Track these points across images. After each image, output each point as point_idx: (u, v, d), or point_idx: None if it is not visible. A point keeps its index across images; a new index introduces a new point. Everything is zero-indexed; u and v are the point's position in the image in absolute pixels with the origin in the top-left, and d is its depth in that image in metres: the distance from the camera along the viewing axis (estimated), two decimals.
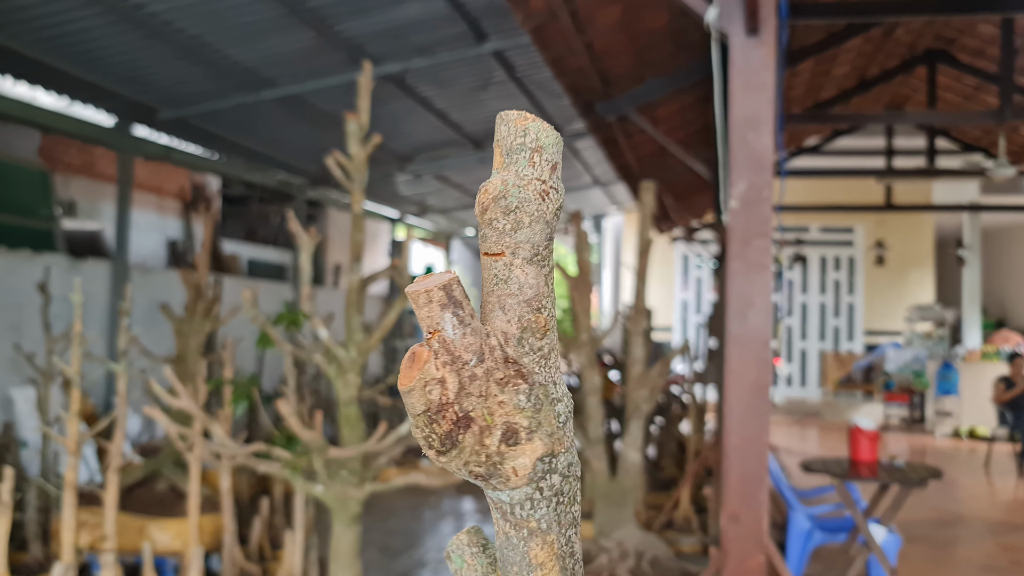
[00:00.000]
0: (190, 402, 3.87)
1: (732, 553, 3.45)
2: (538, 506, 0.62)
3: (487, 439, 0.59)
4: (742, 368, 3.44)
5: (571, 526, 0.63)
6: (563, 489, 0.62)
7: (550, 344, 0.62)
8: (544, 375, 0.61)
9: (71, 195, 9.11)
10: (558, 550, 0.63)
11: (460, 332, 0.59)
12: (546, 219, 0.62)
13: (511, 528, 0.62)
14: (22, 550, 5.53)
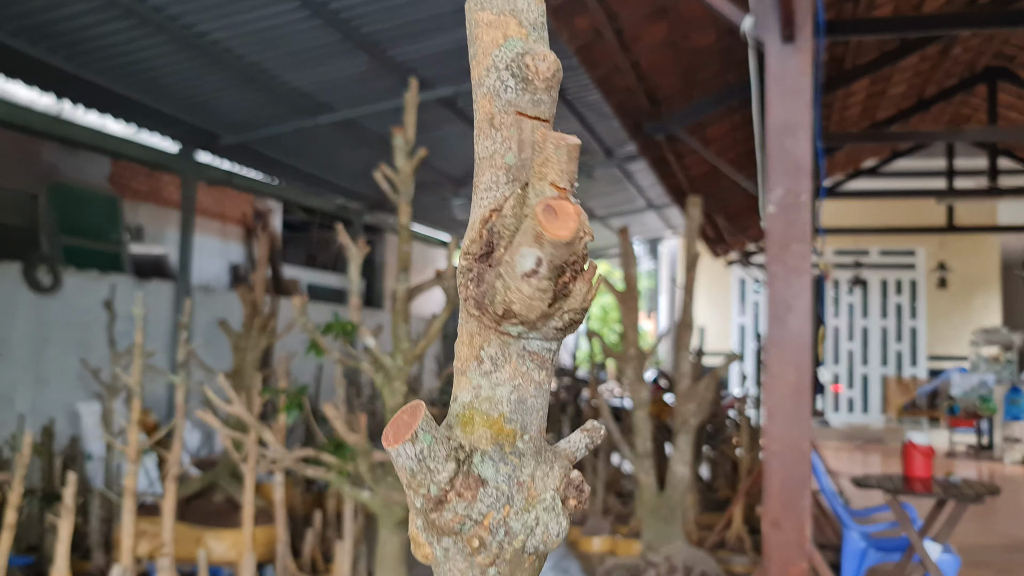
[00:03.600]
0: (243, 409, 3.99)
1: (774, 560, 3.43)
2: (559, 352, 0.68)
3: (591, 291, 0.65)
4: (782, 372, 3.44)
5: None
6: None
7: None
8: None
9: (138, 220, 9.47)
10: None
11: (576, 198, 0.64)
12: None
13: (546, 375, 0.68)
14: (85, 559, 5.71)
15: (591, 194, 12.09)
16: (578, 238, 0.63)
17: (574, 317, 0.66)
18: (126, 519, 4.66)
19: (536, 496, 0.68)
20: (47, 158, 8.20)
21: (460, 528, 0.67)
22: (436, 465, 0.66)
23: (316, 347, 4.23)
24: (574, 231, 0.61)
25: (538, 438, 0.70)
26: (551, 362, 0.69)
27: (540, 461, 0.69)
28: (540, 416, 0.70)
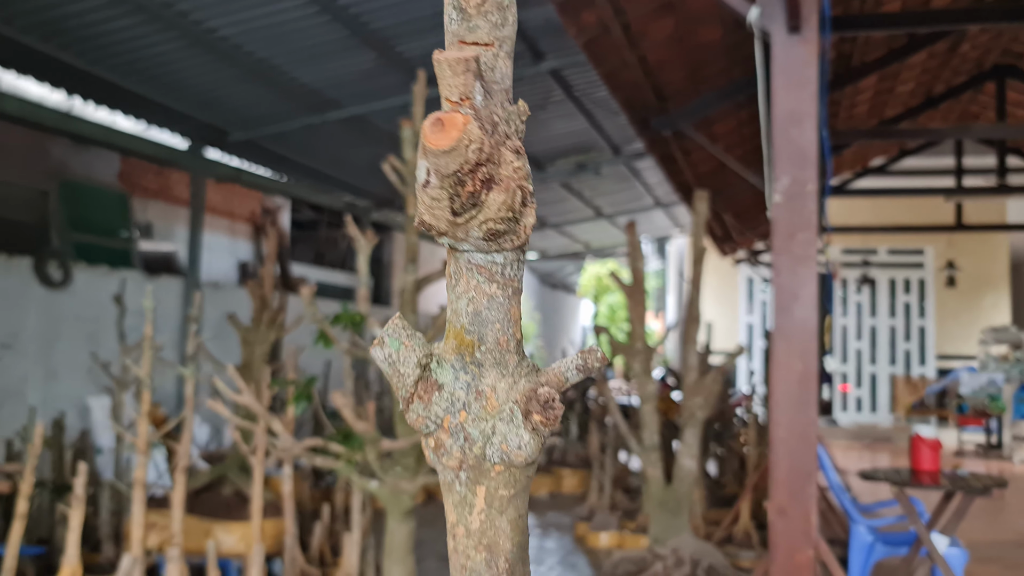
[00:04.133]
0: (252, 399, 4.02)
1: (780, 548, 3.44)
2: (520, 267, 0.70)
3: (515, 199, 0.67)
4: (788, 361, 3.45)
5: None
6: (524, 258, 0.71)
7: (524, 131, 0.71)
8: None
9: (147, 218, 9.52)
10: (524, 309, 0.71)
11: (485, 103, 0.67)
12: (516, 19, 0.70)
13: (498, 289, 0.70)
14: (96, 551, 5.75)
15: (598, 192, 12.11)
16: (463, 146, 0.65)
17: (494, 227, 0.68)
18: (136, 510, 4.69)
19: (496, 407, 0.70)
20: (57, 155, 8.26)
21: (424, 429, 0.71)
22: (405, 369, 0.70)
23: (325, 338, 4.25)
24: (455, 139, 0.64)
25: (497, 350, 0.72)
26: (503, 276, 0.71)
27: (504, 374, 0.71)
28: (498, 329, 0.72)
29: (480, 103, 0.67)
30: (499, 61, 0.68)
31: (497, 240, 0.68)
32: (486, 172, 0.67)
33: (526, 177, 0.68)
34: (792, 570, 3.43)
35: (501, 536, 0.73)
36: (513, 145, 0.67)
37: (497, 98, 0.68)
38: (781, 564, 3.45)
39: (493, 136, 0.66)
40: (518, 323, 0.72)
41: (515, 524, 0.75)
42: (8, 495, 5.69)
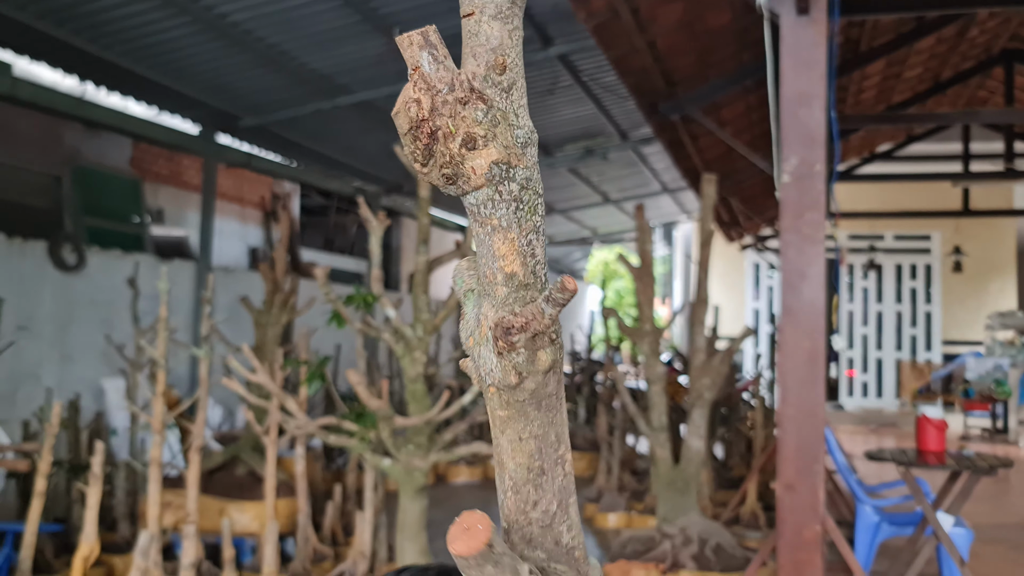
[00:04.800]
0: (266, 377, 4.09)
1: (788, 523, 3.50)
2: (498, 207, 0.77)
3: (451, 144, 0.76)
4: (796, 339, 3.50)
5: (532, 231, 0.78)
6: (522, 198, 0.77)
7: (510, 79, 0.78)
8: (504, 103, 0.77)
9: (159, 203, 9.59)
10: (518, 247, 0.77)
11: (435, 67, 0.76)
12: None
13: (479, 226, 0.78)
14: (111, 530, 5.83)
15: (606, 177, 12.13)
16: (403, 108, 0.78)
17: (447, 171, 0.77)
18: (152, 488, 4.77)
19: (484, 333, 0.77)
20: (70, 141, 8.32)
21: (467, 351, 0.79)
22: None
23: (338, 317, 4.32)
24: (399, 104, 0.77)
25: (486, 282, 0.79)
26: (480, 215, 0.79)
27: (493, 304, 0.79)
28: (484, 263, 0.80)
29: (428, 69, 0.77)
30: (482, 26, 0.76)
31: (456, 183, 0.76)
32: (431, 126, 0.75)
33: (474, 123, 0.75)
34: (800, 545, 3.49)
35: (504, 454, 0.80)
36: (476, 97, 0.75)
37: (480, 59, 0.76)
38: (789, 540, 3.51)
39: (451, 93, 0.74)
40: (504, 257, 0.78)
41: (515, 446, 0.82)
42: (26, 474, 5.78)
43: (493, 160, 0.77)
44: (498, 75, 0.78)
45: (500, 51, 0.78)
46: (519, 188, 0.77)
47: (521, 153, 0.77)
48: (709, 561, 5.14)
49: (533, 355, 0.77)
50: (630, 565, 5.17)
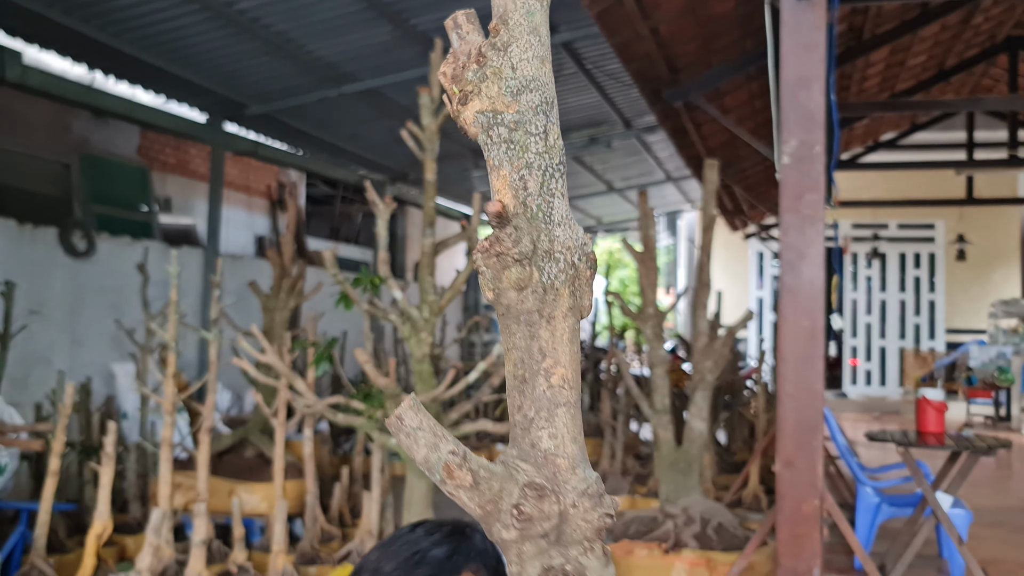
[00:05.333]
0: (275, 358, 4.17)
1: (787, 498, 3.58)
2: (491, 149, 0.87)
3: (455, 102, 0.88)
4: (795, 318, 3.56)
5: (524, 168, 0.87)
6: (511, 139, 0.87)
7: (505, 39, 0.87)
8: (499, 60, 0.86)
9: (166, 192, 9.67)
10: (509, 182, 0.86)
11: (459, 43, 0.91)
12: None
13: (487, 163, 0.88)
14: (123, 512, 5.93)
15: (609, 166, 12.18)
16: (441, 73, 0.92)
17: (461, 126, 0.91)
18: (163, 468, 4.86)
19: None
20: (78, 130, 8.40)
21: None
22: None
23: (346, 299, 4.39)
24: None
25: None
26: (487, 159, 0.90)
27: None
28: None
29: (456, 44, 0.92)
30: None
31: (466, 129, 0.89)
32: (451, 91, 0.90)
33: (466, 83, 0.88)
34: (799, 520, 3.56)
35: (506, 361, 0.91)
36: (474, 60, 0.89)
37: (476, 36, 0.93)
38: (788, 514, 3.58)
39: (470, 58, 0.88)
40: (497, 192, 0.89)
41: (506, 355, 0.91)
42: (39, 456, 5.88)
43: (477, 110, 0.89)
44: (494, 37, 0.87)
45: (503, 16, 0.87)
46: (508, 131, 0.87)
47: (510, 100, 0.86)
48: (711, 540, 5.21)
49: (499, 273, 0.85)
50: (633, 545, 5.25)
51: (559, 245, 0.86)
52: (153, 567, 4.58)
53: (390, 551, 1.26)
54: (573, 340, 0.89)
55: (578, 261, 0.86)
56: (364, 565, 1.28)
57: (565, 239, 0.87)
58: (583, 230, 0.89)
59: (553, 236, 0.87)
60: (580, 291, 0.86)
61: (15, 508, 5.19)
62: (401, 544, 1.26)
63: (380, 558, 1.26)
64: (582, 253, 0.87)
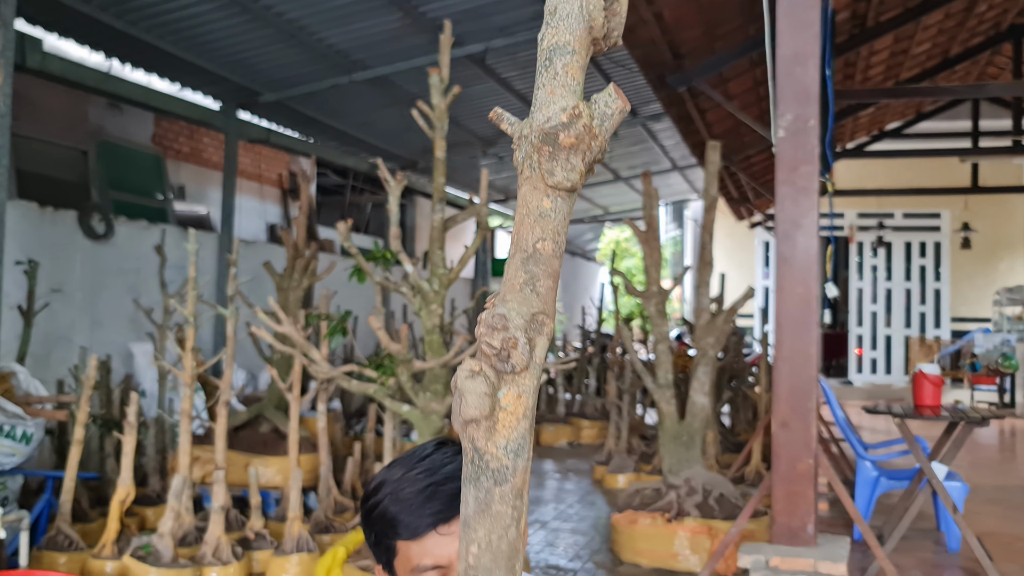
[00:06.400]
0: (291, 328, 4.33)
1: (782, 458, 3.73)
2: None
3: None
4: (791, 285, 3.71)
5: None
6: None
7: None
8: None
9: (181, 180, 9.85)
10: None
11: None
12: None
13: None
14: (142, 485, 6.10)
15: (616, 154, 12.32)
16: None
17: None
18: (183, 438, 5.04)
19: None
20: (94, 119, 8.58)
21: None
22: None
23: (360, 273, 4.56)
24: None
25: None
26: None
27: None
28: None
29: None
30: None
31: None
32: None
33: None
34: (794, 479, 3.71)
35: None
36: None
37: None
38: (783, 473, 3.73)
39: None
40: None
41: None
42: (61, 431, 6.06)
43: None
44: None
45: None
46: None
47: None
48: (712, 510, 5.37)
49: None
50: (637, 515, 5.41)
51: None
52: (174, 531, 4.76)
53: (411, 470, 1.29)
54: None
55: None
56: (387, 477, 1.31)
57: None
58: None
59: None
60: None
61: (42, 476, 5.37)
62: (423, 462, 1.29)
63: (402, 475, 1.29)
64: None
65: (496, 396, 0.81)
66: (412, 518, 1.24)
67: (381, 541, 1.29)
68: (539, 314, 0.81)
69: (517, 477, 0.81)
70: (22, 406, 5.14)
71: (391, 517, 1.26)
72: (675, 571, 5.13)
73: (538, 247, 0.81)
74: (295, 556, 4.90)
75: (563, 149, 0.80)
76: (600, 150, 0.81)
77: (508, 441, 0.81)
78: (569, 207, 0.82)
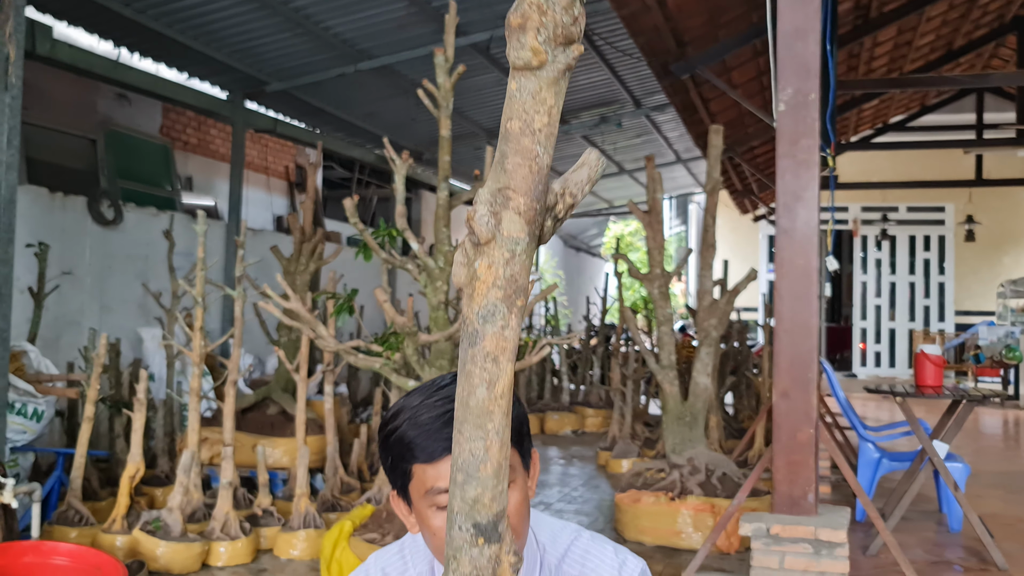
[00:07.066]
0: (299, 304, 4.40)
1: (783, 428, 3.77)
2: None
3: None
4: (791, 258, 3.76)
5: None
6: None
7: None
8: None
9: (188, 171, 9.93)
10: None
11: None
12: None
13: None
14: (151, 467, 6.18)
15: (619, 147, 12.37)
16: None
17: None
18: (192, 416, 5.10)
19: None
20: (103, 109, 8.66)
21: None
22: None
23: (366, 250, 4.62)
24: None
25: None
26: None
27: None
28: None
29: None
30: None
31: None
32: None
33: None
34: (794, 447, 3.76)
35: None
36: None
37: None
38: (784, 443, 3.78)
39: None
40: None
41: None
42: (70, 411, 6.14)
43: None
44: None
45: None
46: None
47: None
48: (715, 489, 5.42)
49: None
50: (640, 494, 5.46)
51: None
52: (183, 506, 4.83)
53: (429, 398, 1.31)
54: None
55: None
56: (406, 404, 1.33)
57: None
58: None
59: None
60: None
61: (52, 453, 5.45)
62: (441, 391, 1.31)
63: (420, 401, 1.31)
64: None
65: (472, 266, 0.87)
66: (428, 442, 1.27)
67: (397, 465, 1.32)
68: (505, 189, 0.86)
69: (487, 341, 0.86)
70: (33, 384, 5.21)
71: (408, 441, 1.29)
72: (678, 548, 5.18)
73: (507, 126, 0.85)
74: (302, 532, 4.96)
75: (513, 30, 0.82)
76: (558, 26, 0.82)
77: (480, 308, 0.86)
78: (536, 87, 0.83)
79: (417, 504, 1.32)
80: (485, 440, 0.87)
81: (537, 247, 0.89)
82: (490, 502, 0.86)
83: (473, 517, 0.86)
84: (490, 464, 0.86)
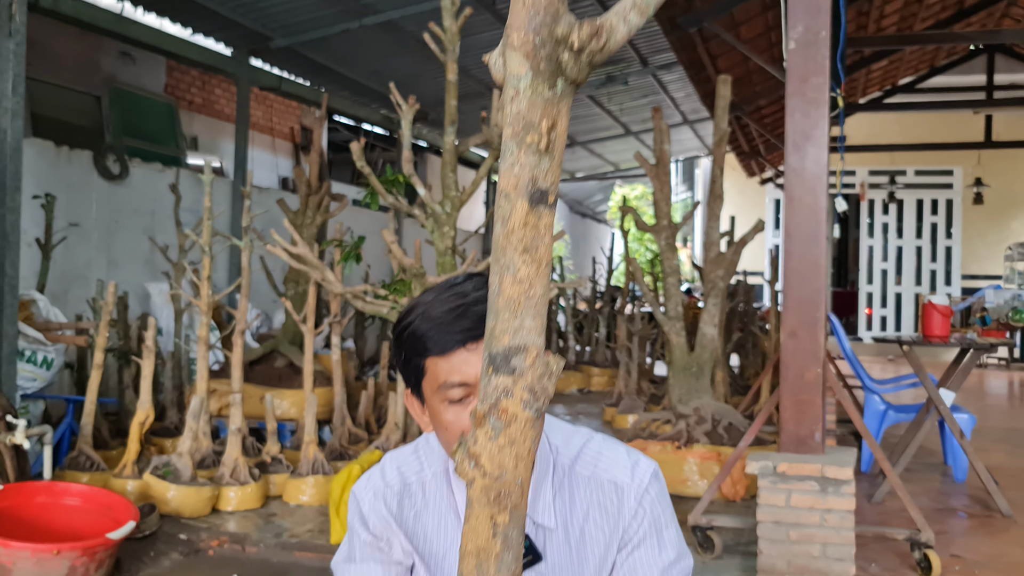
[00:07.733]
0: (306, 249, 4.40)
1: (791, 367, 3.78)
2: None
3: None
4: (800, 196, 3.75)
5: None
6: None
7: None
8: None
9: (193, 131, 9.90)
10: None
11: None
12: None
13: None
14: (160, 419, 6.21)
15: (626, 107, 12.30)
16: None
17: None
18: (200, 364, 5.13)
19: None
20: (106, 67, 8.62)
21: None
22: None
23: (374, 196, 4.61)
24: None
25: None
26: None
27: None
28: None
29: None
30: None
31: None
32: None
33: None
34: (802, 387, 3.77)
35: None
36: None
37: None
38: (792, 382, 3.79)
39: None
40: None
41: None
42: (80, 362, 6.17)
43: None
44: None
45: None
46: None
47: None
48: (721, 438, 5.44)
49: None
50: (647, 443, 5.49)
51: None
52: (192, 452, 4.86)
53: (442, 294, 1.32)
54: None
55: None
56: (419, 300, 1.34)
57: None
58: None
59: None
60: None
61: (63, 400, 5.48)
62: (453, 287, 1.33)
63: (434, 297, 1.32)
64: None
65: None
66: (442, 335, 1.27)
67: (411, 360, 1.33)
68: (507, 28, 0.85)
69: (501, 180, 0.87)
70: (42, 332, 5.23)
71: (421, 335, 1.29)
72: (684, 496, 5.21)
73: None
74: (311, 478, 5.00)
75: None
76: None
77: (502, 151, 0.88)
78: None
79: (430, 400, 1.33)
80: (499, 274, 0.87)
81: (562, 87, 0.87)
82: (501, 334, 0.86)
83: (489, 347, 0.87)
84: (502, 298, 0.87)
